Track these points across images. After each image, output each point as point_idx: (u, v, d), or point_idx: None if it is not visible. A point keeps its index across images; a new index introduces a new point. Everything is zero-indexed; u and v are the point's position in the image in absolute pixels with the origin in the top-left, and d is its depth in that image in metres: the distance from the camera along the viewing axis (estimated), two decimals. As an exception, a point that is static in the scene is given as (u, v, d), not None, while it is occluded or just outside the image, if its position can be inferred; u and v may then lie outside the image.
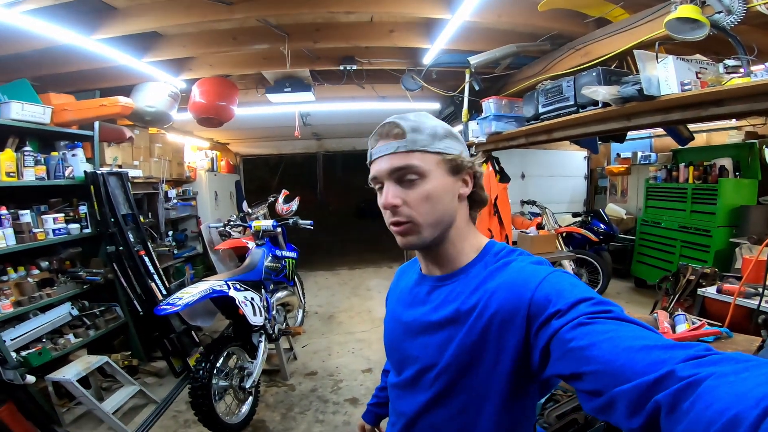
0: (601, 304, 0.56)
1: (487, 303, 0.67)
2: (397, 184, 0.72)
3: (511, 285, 0.65)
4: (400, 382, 0.81)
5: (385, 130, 0.74)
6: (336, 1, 2.25)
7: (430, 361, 0.73)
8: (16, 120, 2.66)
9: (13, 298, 2.62)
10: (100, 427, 2.61)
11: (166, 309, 2.33)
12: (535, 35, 2.70)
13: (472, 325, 0.68)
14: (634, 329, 0.50)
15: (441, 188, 0.72)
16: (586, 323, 0.52)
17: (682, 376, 0.40)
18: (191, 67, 3.31)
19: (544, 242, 4.37)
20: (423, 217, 0.71)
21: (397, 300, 0.89)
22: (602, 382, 0.47)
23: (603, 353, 0.48)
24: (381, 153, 0.73)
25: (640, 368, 0.44)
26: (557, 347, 0.55)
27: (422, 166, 0.71)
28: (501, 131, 3.39)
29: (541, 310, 0.59)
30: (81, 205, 3.18)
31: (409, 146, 0.71)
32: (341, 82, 3.42)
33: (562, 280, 0.62)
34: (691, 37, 1.63)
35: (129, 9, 2.40)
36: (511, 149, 5.34)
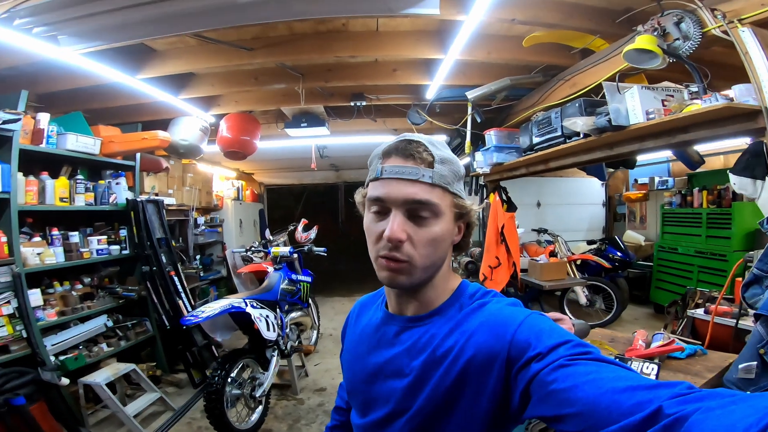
0: (580, 346, 0.56)
1: (464, 346, 0.65)
2: (407, 218, 0.66)
3: (489, 328, 0.64)
4: (367, 424, 0.77)
5: (409, 149, 0.66)
6: (342, 47, 2.56)
7: (402, 405, 0.70)
8: (71, 150, 3.01)
9: (57, 309, 2.91)
10: (120, 430, 2.83)
11: (191, 320, 2.62)
12: (528, 67, 2.93)
13: (447, 369, 0.65)
14: (616, 370, 0.51)
15: (446, 233, 0.68)
16: (566, 365, 0.52)
17: (669, 413, 0.41)
18: (219, 103, 3.71)
19: (554, 269, 4.42)
20: (422, 259, 0.67)
21: (358, 339, 0.83)
22: (586, 423, 0.47)
23: (586, 395, 0.48)
24: (399, 175, 0.65)
25: (625, 409, 0.44)
26: (538, 389, 0.54)
27: (440, 205, 0.66)
28: (503, 162, 3.58)
29: (521, 354, 0.58)
30: (122, 229, 3.52)
31: (435, 179, 0.65)
32: (353, 117, 3.74)
33: (541, 322, 0.62)
34: (649, 66, 1.81)
35: (167, 52, 2.77)
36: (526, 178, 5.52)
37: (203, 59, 2.73)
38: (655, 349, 1.80)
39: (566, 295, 4.97)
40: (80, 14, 1.90)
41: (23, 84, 2.74)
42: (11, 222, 2.54)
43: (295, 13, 1.88)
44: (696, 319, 2.44)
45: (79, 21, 1.95)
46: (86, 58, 2.40)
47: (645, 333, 2.06)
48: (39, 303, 2.75)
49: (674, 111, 1.82)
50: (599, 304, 4.89)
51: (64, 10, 1.88)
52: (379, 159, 0.69)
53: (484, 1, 1.85)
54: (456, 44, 2.31)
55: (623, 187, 6.78)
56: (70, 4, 1.85)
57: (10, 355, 2.51)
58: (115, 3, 1.83)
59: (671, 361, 1.82)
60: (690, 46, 1.73)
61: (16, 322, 2.55)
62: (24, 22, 1.91)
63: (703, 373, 1.70)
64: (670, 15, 1.72)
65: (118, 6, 1.85)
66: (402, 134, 0.71)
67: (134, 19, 1.96)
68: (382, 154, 0.70)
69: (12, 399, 2.37)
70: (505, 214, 4.08)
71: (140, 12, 1.89)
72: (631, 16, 1.97)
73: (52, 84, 2.90)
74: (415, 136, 0.69)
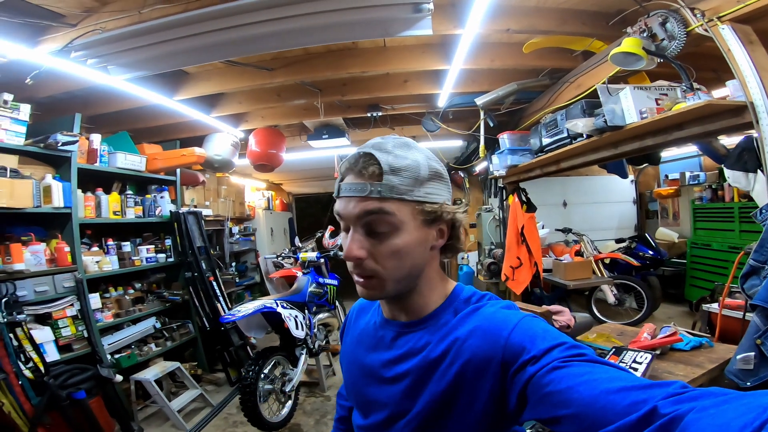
0: (574, 348, 0.56)
1: (459, 350, 0.65)
2: (365, 234, 0.66)
3: (484, 332, 0.64)
4: (369, 425, 0.77)
5: (359, 165, 0.66)
6: (353, 63, 2.77)
7: (400, 408, 0.71)
8: (121, 168, 3.37)
9: (113, 311, 3.24)
10: (165, 424, 3.08)
11: (229, 318, 2.90)
12: (534, 71, 3.03)
13: (443, 373, 0.66)
14: (610, 371, 0.51)
15: (413, 242, 0.66)
16: (561, 366, 0.53)
17: (664, 413, 0.41)
18: (247, 119, 4.01)
19: (578, 269, 4.41)
20: (389, 272, 0.66)
21: (357, 341, 0.84)
22: (582, 425, 0.47)
23: (581, 396, 0.48)
24: (349, 193, 0.66)
25: (620, 409, 0.44)
26: (534, 392, 0.54)
27: (396, 216, 0.64)
28: (517, 164, 3.67)
29: (516, 357, 0.58)
30: (167, 239, 3.85)
31: (384, 192, 0.63)
32: (371, 127, 3.95)
33: (534, 325, 0.62)
34: (635, 68, 1.89)
35: (199, 74, 3.06)
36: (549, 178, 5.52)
37: (231, 80, 3.00)
38: (655, 341, 1.86)
39: (594, 294, 4.92)
40: (127, 48, 2.19)
41: (76, 107, 3.07)
42: (73, 234, 2.87)
43: (307, 42, 2.12)
44: (711, 313, 2.44)
45: (126, 53, 2.23)
46: (131, 83, 2.66)
47: (653, 327, 2.10)
48: (98, 306, 3.07)
49: (666, 109, 1.88)
50: (629, 303, 4.80)
51: (113, 44, 2.16)
52: (341, 176, 0.69)
53: (478, 14, 1.99)
54: (458, 55, 2.46)
55: (654, 183, 6.58)
56: (118, 39, 2.13)
57: (73, 353, 2.80)
58: (157, 38, 2.11)
59: (674, 353, 1.87)
60: (677, 45, 1.79)
61: (78, 323, 2.84)
62: (79, 55, 2.22)
63: (704, 364, 1.74)
64: (656, 16, 1.80)
65: (159, 40, 2.13)
66: (363, 145, 0.69)
67: (172, 51, 2.22)
68: (341, 170, 0.69)
69: (74, 393, 2.57)
70: (524, 214, 4.13)
71: (177, 45, 2.16)
72: (622, 18, 2.05)
73: (101, 106, 3.22)
74: (368, 146, 0.68)
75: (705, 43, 1.92)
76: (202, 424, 3.09)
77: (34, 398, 2.44)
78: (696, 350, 1.87)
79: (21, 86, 2.49)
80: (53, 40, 2.18)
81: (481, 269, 5.34)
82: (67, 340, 2.78)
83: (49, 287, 2.69)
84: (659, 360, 1.78)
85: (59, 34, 2.16)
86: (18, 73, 2.39)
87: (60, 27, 2.14)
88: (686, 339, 1.88)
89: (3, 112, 2.50)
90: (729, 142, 4.09)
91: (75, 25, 2.14)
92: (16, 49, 2.13)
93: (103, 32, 2.09)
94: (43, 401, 2.43)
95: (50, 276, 2.70)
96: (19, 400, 2.38)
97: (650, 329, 2.06)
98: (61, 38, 2.16)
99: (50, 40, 2.19)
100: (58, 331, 2.73)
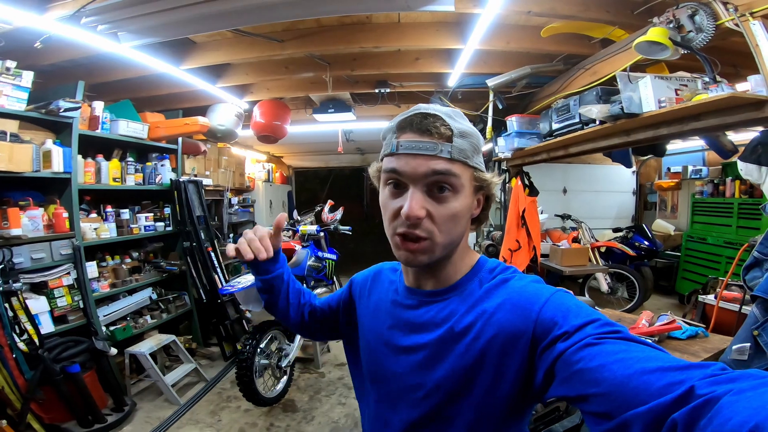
0: (608, 325, 0.54)
1: (486, 324, 0.63)
2: (425, 194, 0.64)
3: (514, 305, 0.62)
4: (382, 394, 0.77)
5: (426, 124, 0.63)
6: (366, 38, 2.68)
7: (417, 380, 0.69)
8: (122, 135, 3.31)
9: (110, 281, 3.19)
10: (158, 399, 3.07)
11: (228, 289, 2.87)
12: (549, 56, 2.96)
13: (468, 347, 0.64)
14: (646, 350, 0.49)
15: (466, 208, 0.66)
16: (593, 344, 0.50)
17: (700, 393, 0.39)
18: (252, 90, 3.92)
19: (575, 255, 4.45)
20: (443, 236, 0.65)
21: (375, 306, 0.82)
22: (613, 404, 0.45)
23: (614, 375, 0.46)
24: (416, 150, 0.63)
25: (655, 390, 0.42)
26: (563, 369, 0.52)
27: (461, 179, 0.64)
28: (523, 147, 3.64)
29: (547, 332, 0.56)
30: (166, 207, 3.81)
31: (455, 154, 0.63)
32: (377, 103, 3.87)
33: (567, 300, 0.60)
34: (660, 57, 1.85)
35: (206, 44, 2.97)
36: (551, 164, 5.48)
37: (239, 50, 2.91)
38: (654, 328, 1.90)
39: (588, 281, 4.99)
40: (138, 14, 2.11)
41: (80, 75, 3.01)
42: (72, 199, 2.83)
43: (321, 12, 2.03)
44: (706, 304, 2.49)
45: (137, 20, 2.17)
46: (137, 51, 2.60)
47: (651, 314, 2.14)
48: (94, 275, 3.02)
49: (686, 100, 1.86)
50: (622, 292, 4.89)
51: (125, 9, 2.09)
52: (394, 133, 0.66)
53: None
54: (474, 35, 2.39)
55: (656, 175, 6.60)
56: (130, 4, 2.05)
57: (68, 324, 2.75)
58: (169, 3, 2.03)
59: (671, 341, 1.91)
60: (703, 38, 1.76)
61: (74, 293, 2.80)
62: (90, 20, 2.14)
63: (699, 353, 1.79)
64: (685, 7, 1.75)
65: (171, 6, 2.04)
66: (416, 106, 0.66)
67: (184, 18, 2.15)
68: (396, 127, 0.66)
69: (68, 367, 2.54)
70: (526, 198, 4.14)
71: (189, 11, 2.07)
72: (649, 8, 1.99)
73: (105, 74, 3.16)
74: (431, 107, 0.65)
75: (730, 38, 1.88)
76: (195, 398, 3.10)
77: (27, 372, 2.39)
78: (691, 339, 1.92)
79: (25, 53, 2.45)
80: (62, 7, 2.10)
81: (479, 251, 5.41)
82: (63, 310, 2.74)
83: (46, 254, 2.64)
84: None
85: (69, 1, 2.06)
86: (23, 40, 2.31)
87: None
88: (684, 328, 1.92)
89: (5, 79, 2.45)
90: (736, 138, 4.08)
91: None
92: (24, 16, 2.05)
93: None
94: (37, 375, 2.38)
95: (47, 242, 2.65)
96: (12, 374, 2.33)
97: (648, 316, 2.10)
98: (71, 4, 2.07)
99: (59, 7, 2.10)
100: (54, 302, 2.69)
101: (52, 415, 2.53)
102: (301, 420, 2.83)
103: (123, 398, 2.87)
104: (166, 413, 2.88)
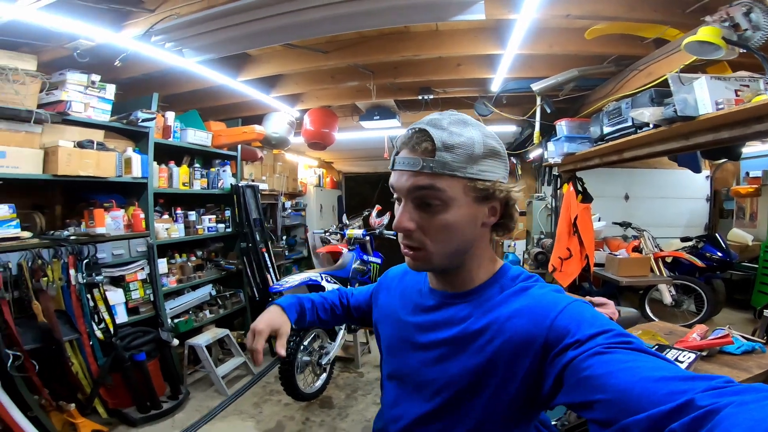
0: (620, 336, 0.54)
1: (501, 327, 0.64)
2: (415, 207, 0.67)
3: (530, 312, 0.63)
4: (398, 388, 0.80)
5: (413, 140, 0.67)
6: (406, 47, 2.75)
7: (431, 375, 0.71)
8: (190, 143, 3.64)
9: (177, 277, 3.48)
10: (209, 389, 3.27)
11: (277, 288, 3.06)
12: (598, 58, 2.84)
13: (481, 348, 0.65)
14: (654, 360, 0.49)
15: (463, 218, 0.67)
16: (603, 352, 0.51)
17: (701, 405, 0.39)
18: (303, 99, 4.14)
19: (634, 265, 4.18)
20: (437, 246, 0.67)
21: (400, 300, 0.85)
22: (614, 411, 0.46)
23: (619, 382, 0.46)
24: (402, 167, 0.67)
25: (656, 398, 0.42)
26: (571, 375, 0.53)
27: (447, 192, 0.65)
28: (574, 152, 3.51)
29: (559, 340, 0.57)
30: (226, 210, 4.10)
31: (436, 169, 0.64)
32: (422, 110, 3.93)
33: (584, 310, 0.60)
34: (714, 57, 1.72)
35: (260, 57, 3.19)
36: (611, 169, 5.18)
37: (288, 62, 3.11)
38: (703, 342, 1.76)
39: (649, 293, 4.65)
40: (198, 32, 2.36)
41: (154, 87, 3.34)
42: (148, 202, 3.15)
43: (360, 26, 2.15)
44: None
45: (198, 38, 2.41)
46: (201, 66, 2.84)
47: (705, 328, 1.98)
48: (164, 271, 3.30)
49: (746, 101, 1.72)
50: (687, 305, 4.49)
51: (186, 29, 2.34)
52: (395, 149, 0.71)
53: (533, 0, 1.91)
54: (513, 40, 2.37)
55: (733, 180, 5.96)
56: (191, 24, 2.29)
57: (139, 315, 3.00)
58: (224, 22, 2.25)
59: (723, 356, 1.76)
60: (762, 36, 1.62)
61: (146, 287, 3.06)
62: (158, 39, 2.42)
63: (752, 368, 1.64)
64: (739, 5, 1.63)
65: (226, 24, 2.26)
66: (420, 120, 0.70)
67: (238, 35, 2.36)
68: (398, 144, 0.71)
69: (135, 355, 2.75)
70: (579, 204, 3.96)
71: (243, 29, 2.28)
72: (702, 6, 1.86)
73: (175, 87, 3.48)
74: (424, 122, 0.68)
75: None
76: (242, 390, 3.28)
77: (100, 359, 2.61)
78: (747, 354, 1.75)
79: (107, 68, 2.73)
80: (135, 25, 2.37)
81: (528, 258, 5.23)
82: (136, 302, 3.00)
83: (125, 251, 2.95)
84: (704, 361, 1.70)
85: (140, 19, 2.34)
86: (104, 56, 2.62)
87: (140, 12, 2.33)
88: (738, 342, 1.77)
89: (91, 92, 2.76)
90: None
91: (153, 10, 2.30)
92: (103, 33, 2.33)
93: (178, 17, 2.26)
94: (108, 362, 2.59)
95: (126, 240, 2.95)
96: (87, 360, 2.55)
97: (701, 330, 1.95)
98: (143, 23, 2.33)
99: (133, 25, 2.38)
100: (129, 294, 2.96)
101: (116, 401, 2.73)
102: (335, 416, 2.93)
103: (179, 387, 3.07)
104: (214, 403, 3.06)
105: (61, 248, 2.50)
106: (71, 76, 2.63)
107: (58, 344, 2.41)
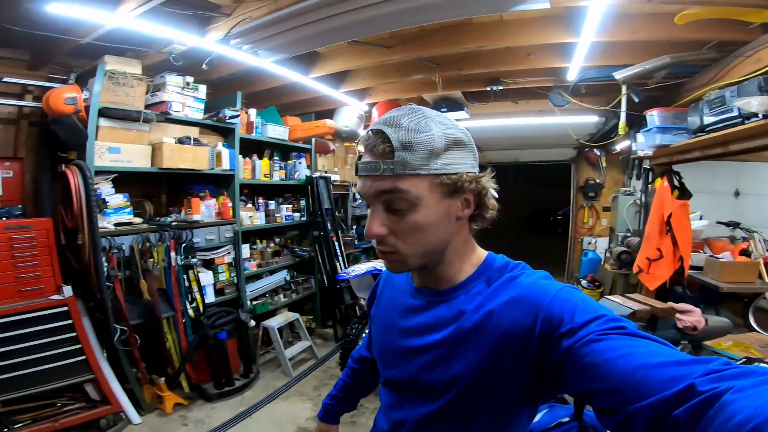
0: (613, 321, 0.54)
1: (495, 322, 0.63)
2: (384, 211, 0.65)
3: (521, 303, 0.62)
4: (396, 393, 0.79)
5: (371, 143, 0.65)
6: (469, 38, 2.67)
7: (433, 378, 0.69)
8: (270, 137, 3.96)
9: (257, 261, 3.82)
10: (276, 370, 3.46)
11: (344, 276, 3.24)
12: (692, 44, 2.48)
13: (478, 345, 0.64)
14: (649, 344, 0.49)
15: (434, 216, 0.65)
16: (598, 339, 0.51)
17: (702, 390, 0.39)
18: (371, 94, 4.24)
19: (739, 270, 3.70)
20: (410, 248, 0.66)
21: (391, 304, 0.83)
22: (617, 399, 0.46)
23: (617, 370, 0.47)
24: (364, 172, 0.65)
25: (656, 385, 0.43)
26: (569, 365, 0.53)
27: (412, 192, 0.63)
28: (668, 144, 3.16)
29: (553, 329, 0.56)
30: (301, 200, 4.40)
31: (397, 170, 0.62)
32: (490, 101, 3.79)
33: (573, 296, 0.60)
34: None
35: (328, 54, 3.32)
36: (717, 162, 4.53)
37: (355, 58, 3.20)
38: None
39: (755, 301, 4.03)
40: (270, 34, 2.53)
41: (237, 86, 3.65)
42: (235, 192, 3.49)
43: (419, 20, 2.15)
44: None
45: (270, 39, 2.60)
46: (276, 65, 3.00)
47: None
48: (247, 255, 3.65)
49: None
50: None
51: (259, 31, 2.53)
52: (359, 155, 0.69)
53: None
54: (587, 27, 2.18)
55: None
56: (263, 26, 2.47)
57: (224, 296, 3.25)
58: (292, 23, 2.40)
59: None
60: None
61: (231, 270, 3.34)
62: (236, 42, 2.65)
63: None
64: None
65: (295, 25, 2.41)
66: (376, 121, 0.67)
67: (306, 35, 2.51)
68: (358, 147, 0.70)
69: (218, 333, 2.92)
70: (674, 201, 3.55)
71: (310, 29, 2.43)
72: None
73: (255, 85, 3.75)
74: (380, 122, 0.65)
75: None
76: (305, 373, 3.44)
77: (190, 335, 2.87)
78: None
79: (198, 70, 2.96)
80: (216, 29, 2.58)
81: (610, 257, 4.80)
82: (222, 284, 3.26)
83: (215, 236, 3.29)
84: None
85: (220, 24, 2.55)
86: (195, 59, 2.82)
87: (219, 17, 2.53)
88: None
89: (187, 92, 3.10)
90: None
91: (229, 14, 2.50)
92: (191, 38, 2.52)
93: (251, 21, 2.45)
94: (197, 339, 2.83)
95: (216, 227, 3.31)
96: (179, 336, 2.82)
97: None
98: (222, 27, 2.55)
99: (214, 30, 2.59)
100: (217, 276, 3.28)
101: (198, 376, 2.92)
102: (386, 404, 3.01)
103: (252, 366, 3.23)
104: (279, 383, 3.21)
105: (165, 233, 2.89)
106: (170, 78, 2.97)
107: (157, 320, 2.75)
